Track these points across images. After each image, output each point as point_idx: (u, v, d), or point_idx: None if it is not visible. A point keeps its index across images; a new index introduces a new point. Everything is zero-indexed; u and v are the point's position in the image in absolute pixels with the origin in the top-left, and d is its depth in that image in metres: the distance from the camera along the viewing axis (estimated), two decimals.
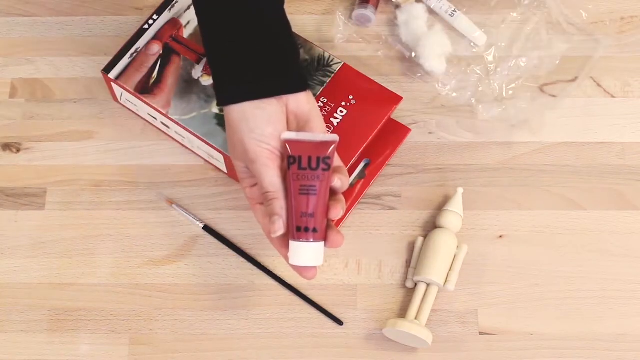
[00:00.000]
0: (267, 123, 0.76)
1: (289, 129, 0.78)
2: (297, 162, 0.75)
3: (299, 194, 0.75)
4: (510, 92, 0.98)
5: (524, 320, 0.89)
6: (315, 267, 0.77)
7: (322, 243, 0.76)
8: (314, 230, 0.75)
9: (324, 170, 0.75)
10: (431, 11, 1.02)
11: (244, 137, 0.76)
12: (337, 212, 0.76)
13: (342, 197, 0.77)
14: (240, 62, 0.78)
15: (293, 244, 0.76)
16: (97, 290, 0.91)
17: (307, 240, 0.75)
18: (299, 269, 0.78)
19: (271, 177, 0.76)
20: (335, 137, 0.77)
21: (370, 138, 0.91)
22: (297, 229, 0.75)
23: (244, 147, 0.76)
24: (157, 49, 0.95)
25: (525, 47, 1.00)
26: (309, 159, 0.75)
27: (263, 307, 0.90)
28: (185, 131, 0.92)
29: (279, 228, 0.76)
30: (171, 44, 0.95)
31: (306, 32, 0.99)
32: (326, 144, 0.76)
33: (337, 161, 0.79)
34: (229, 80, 0.78)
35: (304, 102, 0.79)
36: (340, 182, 0.76)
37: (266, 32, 0.78)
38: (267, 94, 0.77)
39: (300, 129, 0.79)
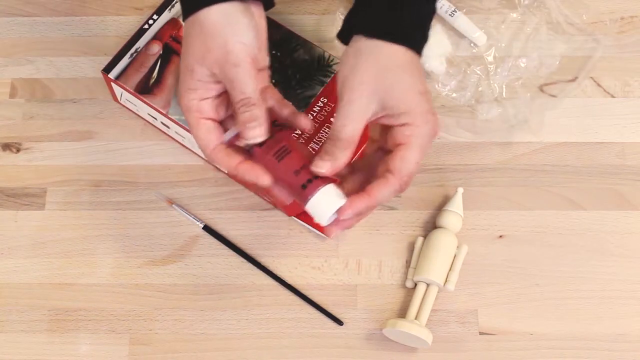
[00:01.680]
0: (255, 31, 0.74)
1: None
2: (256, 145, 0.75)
3: (279, 161, 0.74)
4: (510, 92, 0.98)
5: (524, 320, 0.89)
6: (338, 220, 0.74)
7: (331, 185, 0.74)
8: (315, 177, 0.73)
9: (278, 130, 0.75)
10: None
11: (229, 40, 0.73)
12: (305, 124, 0.76)
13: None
14: None
15: (313, 202, 0.73)
16: (97, 290, 0.91)
17: (319, 188, 0.73)
18: (326, 228, 0.75)
19: (254, 84, 0.73)
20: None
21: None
22: (303, 187, 0.73)
23: (227, 50, 0.73)
24: (157, 49, 0.95)
25: (525, 48, 1.00)
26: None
27: (263, 307, 0.90)
28: (185, 131, 0.92)
29: (261, 133, 0.73)
30: (171, 44, 0.95)
31: (306, 32, 0.99)
32: None
33: (286, 107, 0.77)
34: None
35: (264, 19, 0.77)
36: (305, 120, 0.76)
37: None
38: None
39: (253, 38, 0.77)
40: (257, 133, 0.73)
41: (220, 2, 0.73)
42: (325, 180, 0.74)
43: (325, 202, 0.73)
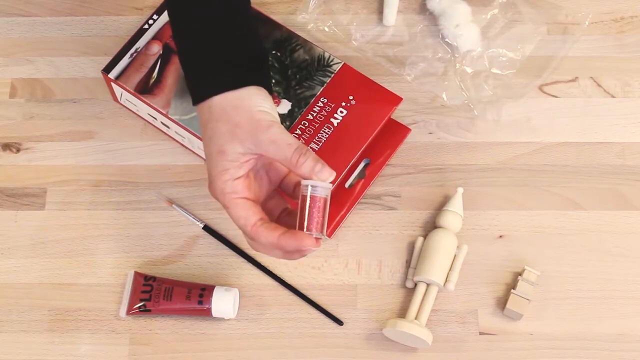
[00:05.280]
0: (270, 101, 0.76)
1: None
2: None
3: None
4: (476, 83, 0.97)
5: (524, 320, 0.89)
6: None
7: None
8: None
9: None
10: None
11: (252, 110, 0.74)
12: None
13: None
14: (235, 57, 0.77)
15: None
16: (97, 290, 0.91)
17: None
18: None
19: (292, 136, 0.74)
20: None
21: (370, 138, 0.91)
22: None
23: (255, 118, 0.74)
24: (157, 49, 0.95)
25: (493, 43, 0.99)
26: None
27: (263, 307, 0.90)
28: (185, 131, 0.92)
29: (331, 171, 0.73)
30: (171, 44, 0.95)
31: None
32: None
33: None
34: (226, 68, 0.77)
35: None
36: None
37: (248, 36, 0.79)
38: (265, 85, 0.77)
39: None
40: (327, 173, 0.73)
41: (233, 89, 0.75)
42: None
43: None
